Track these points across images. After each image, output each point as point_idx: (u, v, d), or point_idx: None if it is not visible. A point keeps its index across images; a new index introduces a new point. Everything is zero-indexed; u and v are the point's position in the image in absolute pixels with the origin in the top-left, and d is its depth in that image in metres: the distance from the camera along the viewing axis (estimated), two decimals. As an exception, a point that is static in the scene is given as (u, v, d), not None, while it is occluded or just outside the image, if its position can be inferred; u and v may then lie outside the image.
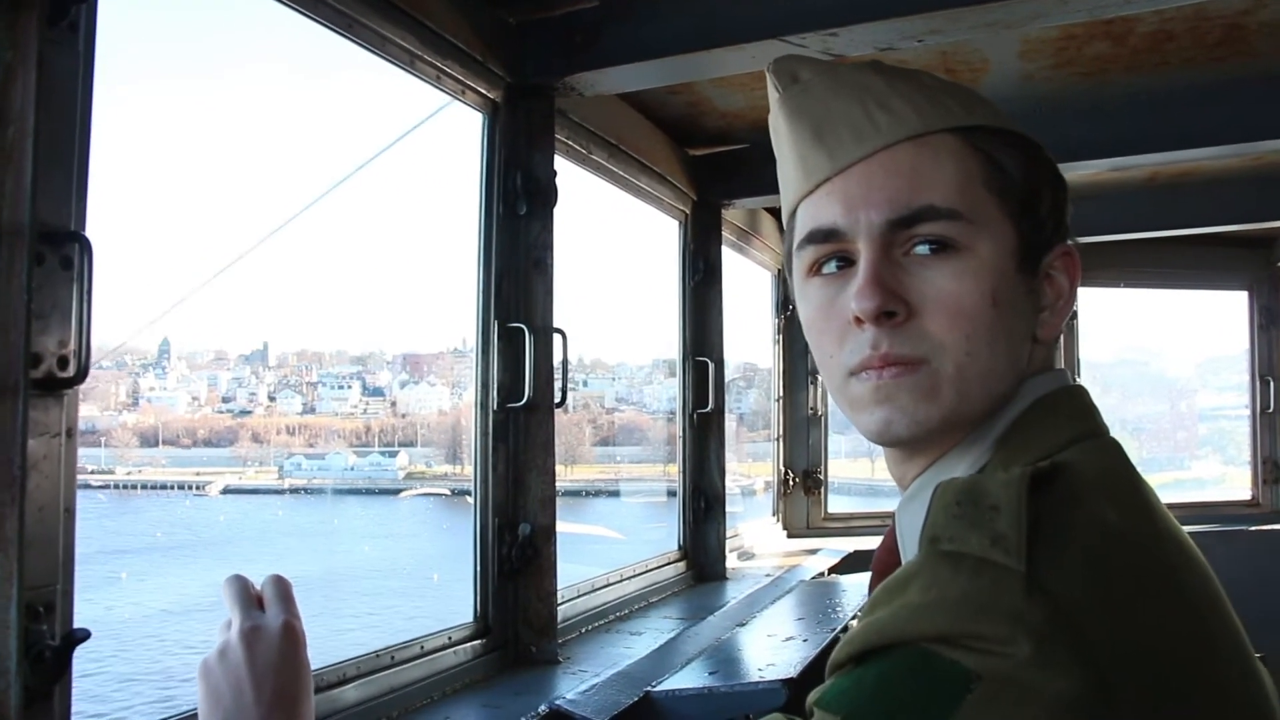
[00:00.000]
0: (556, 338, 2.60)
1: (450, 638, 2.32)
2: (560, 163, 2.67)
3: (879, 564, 1.08)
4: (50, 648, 1.31)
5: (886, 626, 0.73)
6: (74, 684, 1.36)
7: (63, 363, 1.35)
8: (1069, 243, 0.95)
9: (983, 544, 0.73)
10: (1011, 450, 0.87)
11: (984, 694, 0.67)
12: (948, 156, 0.89)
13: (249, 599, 1.14)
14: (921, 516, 0.83)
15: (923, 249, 0.87)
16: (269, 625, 1.11)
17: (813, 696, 0.76)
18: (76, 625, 1.37)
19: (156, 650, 17.23)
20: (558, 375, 2.61)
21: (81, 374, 1.36)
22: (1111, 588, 0.73)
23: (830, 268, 0.92)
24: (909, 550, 0.91)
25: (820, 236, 0.91)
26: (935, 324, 0.86)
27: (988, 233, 0.88)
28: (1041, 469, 0.78)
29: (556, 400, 2.60)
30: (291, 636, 1.11)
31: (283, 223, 2.52)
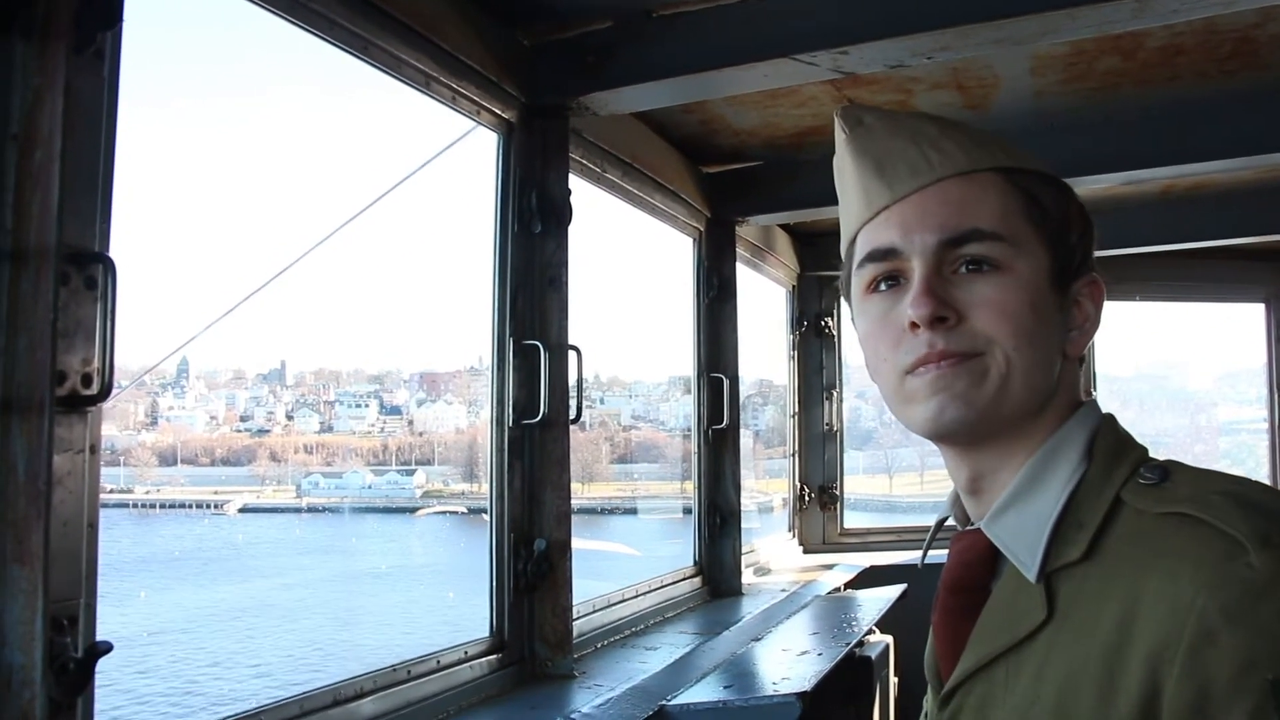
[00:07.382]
0: (571, 354, 2.62)
1: (466, 652, 2.33)
2: (575, 181, 2.71)
3: (956, 581, 1.06)
4: (74, 659, 1.34)
5: None
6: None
7: (86, 380, 1.38)
8: (1094, 274, 1.07)
9: None
10: (1108, 459, 0.99)
11: None
12: (992, 190, 1.02)
13: None
14: (1037, 525, 0.97)
15: (968, 267, 1.00)
16: None
17: None
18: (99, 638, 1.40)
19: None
20: (573, 392, 2.63)
21: (105, 392, 1.39)
22: None
23: (885, 285, 1.04)
24: (1026, 561, 0.97)
25: (879, 255, 1.03)
26: (983, 322, 0.98)
27: (1026, 255, 1.00)
28: None
29: (572, 417, 2.62)
30: None
31: (305, 251, 2.54)
